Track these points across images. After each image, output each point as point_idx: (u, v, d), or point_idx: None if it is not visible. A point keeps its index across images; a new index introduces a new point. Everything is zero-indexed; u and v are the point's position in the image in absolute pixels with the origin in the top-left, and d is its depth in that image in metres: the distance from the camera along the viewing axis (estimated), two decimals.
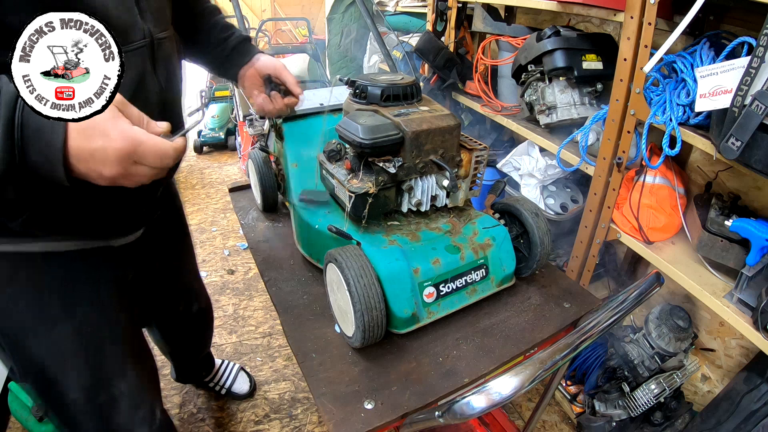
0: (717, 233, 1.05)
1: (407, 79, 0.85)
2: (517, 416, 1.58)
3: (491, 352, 0.76)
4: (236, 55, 0.95)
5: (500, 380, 0.54)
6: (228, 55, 0.96)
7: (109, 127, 0.47)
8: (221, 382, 1.59)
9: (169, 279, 1.14)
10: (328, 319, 0.82)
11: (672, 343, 1.26)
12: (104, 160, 0.48)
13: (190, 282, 1.27)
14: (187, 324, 1.29)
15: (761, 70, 0.79)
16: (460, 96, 1.87)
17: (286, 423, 1.54)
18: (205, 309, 1.35)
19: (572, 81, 1.38)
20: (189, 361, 1.47)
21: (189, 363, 1.48)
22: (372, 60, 2.69)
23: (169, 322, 1.25)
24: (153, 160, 0.51)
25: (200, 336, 1.42)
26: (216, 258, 2.38)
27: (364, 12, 1.33)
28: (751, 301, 0.99)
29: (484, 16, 1.70)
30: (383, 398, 0.67)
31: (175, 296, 1.20)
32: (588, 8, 1.24)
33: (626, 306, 0.68)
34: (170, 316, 1.23)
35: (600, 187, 1.29)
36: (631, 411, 1.30)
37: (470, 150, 0.84)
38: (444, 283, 0.78)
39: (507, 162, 1.68)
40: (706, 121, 1.02)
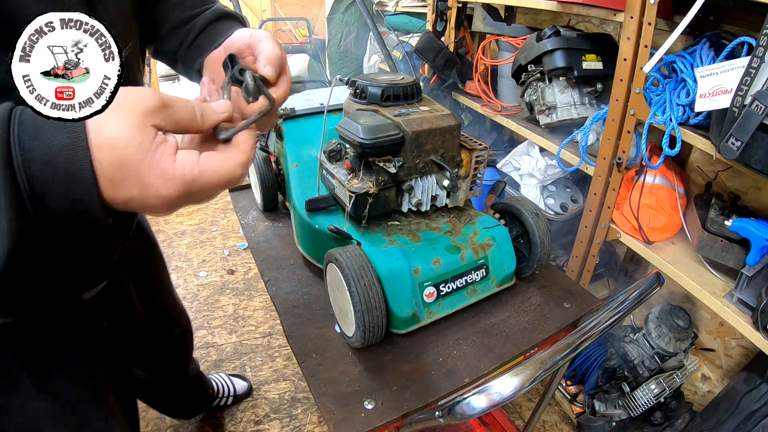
0: (717, 233, 1.05)
1: (407, 79, 0.85)
2: (517, 416, 1.58)
3: (491, 352, 0.76)
4: (205, 39, 0.63)
5: (500, 380, 0.54)
6: (194, 40, 0.64)
7: (144, 172, 0.35)
8: (224, 393, 1.58)
9: (148, 309, 0.98)
10: (328, 319, 0.82)
11: (672, 343, 1.26)
12: (147, 207, 0.38)
13: (169, 306, 1.14)
14: (171, 349, 1.20)
15: (761, 70, 0.79)
16: (460, 96, 1.87)
17: (286, 423, 1.54)
18: (186, 329, 1.24)
19: (572, 81, 1.38)
20: (181, 389, 1.37)
21: (182, 390, 1.38)
22: (372, 60, 2.69)
23: (154, 354, 1.14)
24: (216, 190, 0.40)
25: (185, 357, 1.32)
26: (216, 258, 2.38)
27: (364, 12, 1.33)
28: (751, 301, 0.99)
29: (484, 16, 1.70)
30: (383, 398, 0.67)
31: (156, 325, 1.07)
32: (588, 8, 1.24)
33: (626, 306, 0.68)
34: (154, 348, 1.11)
35: (600, 187, 1.29)
36: (631, 411, 1.30)
37: (470, 150, 0.84)
38: (444, 283, 0.78)
39: (507, 162, 1.68)
40: (706, 121, 1.02)
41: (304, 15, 4.07)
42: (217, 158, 0.39)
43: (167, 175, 0.36)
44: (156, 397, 1.33)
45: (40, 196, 0.34)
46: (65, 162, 0.33)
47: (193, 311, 2.00)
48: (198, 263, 2.33)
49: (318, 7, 4.49)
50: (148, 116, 0.36)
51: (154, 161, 0.36)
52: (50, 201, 0.34)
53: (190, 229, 2.62)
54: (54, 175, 0.33)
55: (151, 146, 0.35)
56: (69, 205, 0.35)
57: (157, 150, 0.36)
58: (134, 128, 0.35)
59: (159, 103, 0.36)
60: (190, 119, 0.39)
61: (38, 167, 0.33)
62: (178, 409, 1.46)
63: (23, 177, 0.33)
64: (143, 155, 0.35)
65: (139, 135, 0.35)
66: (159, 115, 0.36)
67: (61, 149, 0.33)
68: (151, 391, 1.29)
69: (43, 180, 0.33)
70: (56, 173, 0.33)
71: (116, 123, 0.35)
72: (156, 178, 0.36)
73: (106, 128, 0.34)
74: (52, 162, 0.33)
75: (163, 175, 0.36)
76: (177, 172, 0.36)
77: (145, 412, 1.56)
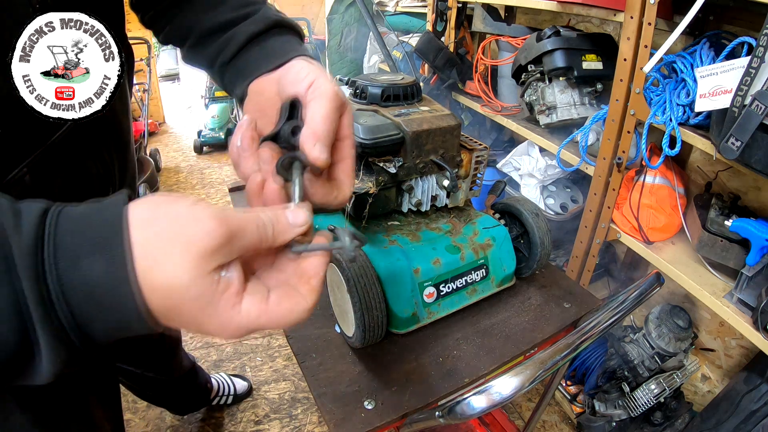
0: (717, 233, 1.05)
1: (407, 79, 0.85)
2: (517, 416, 1.58)
3: (491, 352, 0.76)
4: (248, 60, 0.49)
5: (500, 380, 0.54)
6: (233, 58, 0.50)
7: (203, 322, 0.31)
8: (224, 392, 1.57)
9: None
10: (328, 319, 0.82)
11: (672, 343, 1.26)
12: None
13: None
14: (160, 343, 1.18)
15: (761, 70, 0.79)
16: (460, 96, 1.87)
17: (286, 423, 1.54)
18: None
19: (572, 81, 1.38)
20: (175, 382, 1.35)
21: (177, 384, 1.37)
22: (372, 60, 2.69)
23: (142, 350, 1.12)
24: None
25: (175, 349, 1.30)
26: None
27: (364, 12, 1.33)
28: (751, 301, 0.99)
29: (484, 16, 1.70)
30: (383, 398, 0.67)
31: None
32: (588, 8, 1.24)
33: (626, 306, 0.68)
34: (142, 344, 1.09)
35: (600, 187, 1.29)
36: (631, 411, 1.30)
37: (470, 150, 0.84)
38: (444, 283, 0.78)
39: (507, 162, 1.68)
40: (706, 121, 1.02)
41: (304, 15, 4.07)
42: (288, 304, 0.33)
43: (229, 328, 0.31)
44: (151, 391, 1.33)
45: (84, 327, 0.29)
46: (108, 296, 0.29)
47: None
48: None
49: (318, 6, 4.49)
50: (209, 258, 0.29)
51: (215, 314, 0.30)
52: (96, 330, 0.30)
53: None
54: (99, 306, 0.29)
55: (213, 298, 0.30)
56: (116, 330, 0.30)
57: (220, 301, 0.30)
58: (191, 275, 0.29)
59: (222, 239, 0.30)
60: (260, 241, 0.32)
61: (79, 299, 0.28)
62: (175, 403, 1.46)
63: (64, 310, 0.28)
64: (202, 308, 0.30)
65: (197, 285, 0.29)
66: (222, 253, 0.30)
67: (99, 281, 0.28)
68: (146, 387, 1.28)
69: (87, 311, 0.29)
70: (101, 307, 0.29)
71: (169, 266, 0.29)
72: (216, 327, 0.31)
73: (158, 270, 0.29)
74: (94, 294, 0.28)
75: (224, 327, 0.31)
76: (242, 323, 0.31)
77: (145, 412, 1.56)
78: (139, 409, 1.55)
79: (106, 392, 0.77)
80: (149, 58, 3.21)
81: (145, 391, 1.32)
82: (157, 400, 1.42)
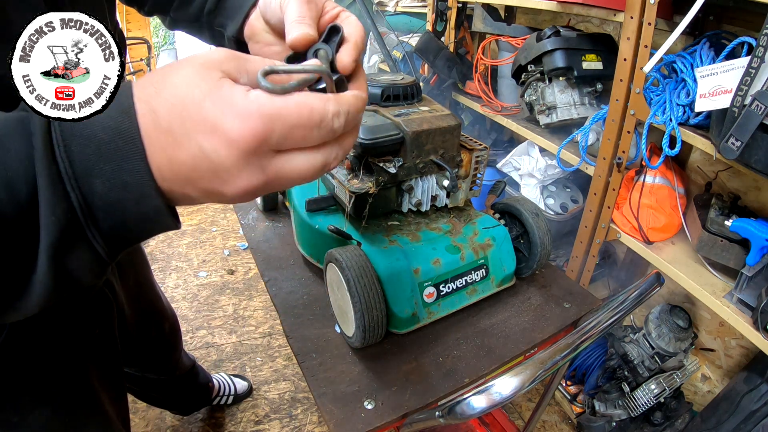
0: (717, 233, 1.05)
1: (407, 79, 0.85)
2: (517, 416, 1.59)
3: (491, 352, 0.76)
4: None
5: (500, 380, 0.54)
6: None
7: (208, 108, 0.28)
8: (225, 392, 1.58)
9: (135, 308, 0.94)
10: (328, 319, 0.82)
11: (672, 343, 1.26)
12: (217, 180, 0.30)
13: (154, 300, 1.11)
14: (162, 345, 1.19)
15: (761, 70, 0.79)
16: (460, 96, 1.87)
17: (286, 423, 1.54)
18: (173, 322, 1.22)
19: (572, 81, 1.38)
20: (176, 382, 1.36)
21: (177, 384, 1.37)
22: (372, 60, 2.69)
23: (145, 352, 1.13)
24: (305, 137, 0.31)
25: (176, 350, 1.30)
26: (216, 258, 2.38)
27: (364, 12, 1.33)
28: (751, 301, 0.99)
29: (484, 16, 1.70)
30: (383, 398, 0.67)
31: (146, 323, 1.05)
32: (588, 8, 1.24)
33: (626, 306, 0.68)
34: (145, 346, 1.09)
35: (600, 187, 1.29)
36: (631, 411, 1.30)
37: (470, 150, 0.84)
38: (444, 283, 0.78)
39: (507, 162, 1.68)
40: (706, 121, 1.02)
41: None
42: (301, 95, 0.30)
43: (238, 108, 0.28)
44: (153, 393, 1.33)
45: (82, 179, 0.28)
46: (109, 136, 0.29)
47: (193, 311, 2.00)
48: (198, 263, 2.33)
49: None
50: (214, 64, 0.30)
51: (220, 95, 0.29)
52: (96, 187, 0.29)
53: (190, 229, 2.62)
54: (99, 151, 0.28)
55: (215, 84, 0.29)
56: (119, 190, 0.29)
57: (223, 86, 0.29)
58: (195, 72, 0.29)
59: (227, 53, 0.31)
60: (256, 65, 0.31)
61: (79, 144, 0.28)
62: (178, 403, 1.46)
63: (62, 156, 0.28)
64: (205, 93, 0.29)
65: (201, 78, 0.29)
66: (228, 64, 0.30)
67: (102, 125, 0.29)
68: (147, 388, 1.29)
69: (87, 157, 0.28)
70: (101, 152, 0.28)
71: (176, 78, 0.29)
72: (224, 114, 0.28)
73: (166, 85, 0.29)
74: (94, 137, 0.28)
75: (233, 108, 0.28)
76: (251, 103, 0.28)
77: (146, 412, 1.56)
78: (139, 410, 1.55)
79: (115, 390, 0.78)
80: (149, 58, 3.21)
81: (148, 393, 1.32)
82: (160, 402, 1.42)
